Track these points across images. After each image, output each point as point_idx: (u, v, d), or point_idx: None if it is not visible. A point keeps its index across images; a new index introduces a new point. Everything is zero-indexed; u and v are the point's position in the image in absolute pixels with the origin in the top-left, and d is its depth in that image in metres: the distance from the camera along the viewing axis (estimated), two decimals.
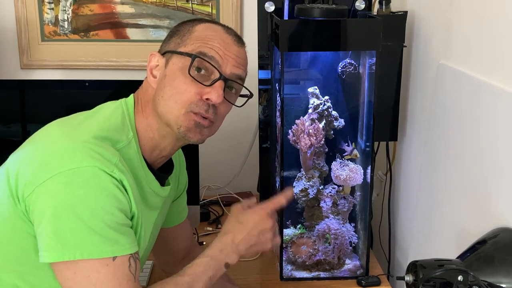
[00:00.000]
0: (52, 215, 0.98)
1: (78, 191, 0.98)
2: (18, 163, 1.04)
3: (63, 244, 0.98)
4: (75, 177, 0.99)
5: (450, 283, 0.96)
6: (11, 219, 1.04)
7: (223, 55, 1.13)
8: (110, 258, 1.00)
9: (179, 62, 1.12)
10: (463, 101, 1.28)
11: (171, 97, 1.11)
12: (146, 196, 1.16)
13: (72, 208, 0.97)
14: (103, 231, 0.99)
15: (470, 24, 1.27)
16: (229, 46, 1.15)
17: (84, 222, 0.98)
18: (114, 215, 1.01)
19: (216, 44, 1.13)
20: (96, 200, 0.99)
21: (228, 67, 1.13)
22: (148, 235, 1.19)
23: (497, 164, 1.11)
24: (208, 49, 1.12)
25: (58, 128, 1.10)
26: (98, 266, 0.99)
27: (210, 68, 1.12)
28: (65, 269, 0.99)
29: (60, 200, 0.98)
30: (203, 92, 1.11)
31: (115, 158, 1.04)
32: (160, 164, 1.21)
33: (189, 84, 1.11)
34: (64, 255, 0.98)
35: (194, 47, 1.13)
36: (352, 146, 1.54)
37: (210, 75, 1.12)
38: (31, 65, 2.05)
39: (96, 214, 0.99)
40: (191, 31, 1.16)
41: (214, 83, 1.11)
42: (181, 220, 1.43)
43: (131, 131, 1.13)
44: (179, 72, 1.11)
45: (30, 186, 1.00)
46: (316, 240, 1.55)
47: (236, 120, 1.99)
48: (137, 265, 1.05)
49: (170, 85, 1.12)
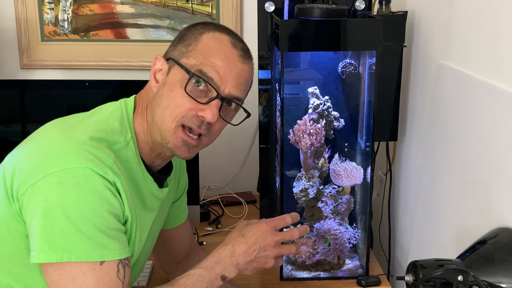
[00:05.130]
0: (43, 215, 0.97)
1: (70, 192, 0.98)
2: (14, 163, 1.03)
3: (51, 245, 0.97)
4: (67, 178, 0.98)
5: (450, 283, 0.96)
6: (6, 219, 1.04)
7: (224, 75, 1.10)
8: (98, 263, 0.99)
9: (179, 74, 1.10)
10: (463, 101, 1.27)
11: (166, 108, 1.10)
12: (143, 198, 1.15)
13: (62, 209, 0.97)
14: (92, 235, 0.98)
15: (470, 24, 1.27)
16: (232, 64, 1.11)
17: (74, 224, 0.97)
18: (104, 218, 1.00)
19: (219, 62, 1.10)
20: (87, 202, 0.98)
21: (227, 88, 1.11)
22: (144, 237, 1.18)
23: (497, 164, 1.11)
24: (208, 69, 1.09)
25: (55, 129, 1.10)
26: (85, 269, 0.98)
27: (209, 86, 1.10)
28: (52, 271, 0.99)
29: (51, 201, 0.97)
30: (198, 108, 1.09)
31: (109, 159, 1.03)
32: (159, 166, 1.21)
33: (185, 98, 1.09)
34: (51, 256, 0.97)
35: (196, 61, 1.10)
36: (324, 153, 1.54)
37: (208, 91, 1.10)
38: (31, 65, 2.05)
39: (87, 216, 0.98)
40: (197, 39, 1.12)
41: (210, 101, 1.09)
42: (181, 221, 1.43)
43: (129, 132, 1.12)
44: (178, 85, 1.10)
45: (24, 186, 1.00)
46: (316, 240, 1.55)
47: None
48: (126, 271, 1.03)
49: (168, 95, 1.10)
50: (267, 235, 1.15)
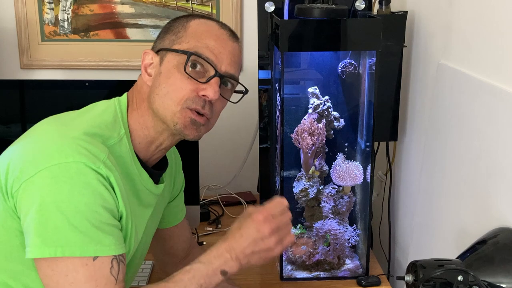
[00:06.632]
0: (36, 210, 0.97)
1: (63, 187, 0.97)
2: (8, 160, 1.03)
3: (44, 240, 0.97)
4: (61, 172, 0.98)
5: (450, 283, 0.96)
6: (2, 216, 1.04)
7: (218, 54, 1.13)
8: (91, 258, 0.98)
9: (174, 59, 1.12)
10: (463, 101, 1.27)
11: (166, 95, 1.11)
12: (139, 194, 1.15)
13: (56, 204, 0.97)
14: (86, 230, 0.98)
15: (470, 24, 1.27)
16: (224, 42, 1.15)
17: (68, 219, 0.97)
18: (98, 213, 1.00)
19: (212, 42, 1.13)
20: (80, 196, 0.98)
21: (223, 65, 1.13)
22: (140, 234, 1.18)
23: (497, 164, 1.11)
24: (203, 50, 1.12)
25: (49, 125, 1.10)
26: (78, 265, 0.98)
27: (205, 65, 1.12)
28: (45, 266, 0.99)
29: (45, 196, 0.97)
30: (199, 88, 1.11)
31: (103, 154, 1.03)
32: (155, 161, 1.21)
33: (185, 81, 1.10)
34: (44, 251, 0.97)
35: (189, 45, 1.12)
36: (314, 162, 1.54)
37: (205, 72, 1.12)
38: (31, 65, 2.05)
39: (80, 211, 0.98)
40: (185, 27, 1.15)
41: (209, 80, 1.11)
42: (179, 220, 1.43)
43: (122, 128, 1.12)
44: (175, 70, 1.11)
45: (18, 182, 1.00)
46: (316, 240, 1.55)
47: (236, 120, 2.00)
48: (121, 267, 1.02)
49: (166, 82, 1.11)
50: (262, 225, 1.10)
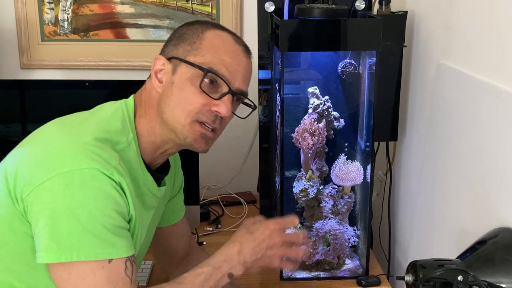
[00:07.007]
0: (50, 216, 0.98)
1: (77, 193, 0.98)
2: (17, 163, 1.04)
3: (59, 245, 0.98)
4: (75, 179, 0.99)
5: (450, 283, 0.96)
6: (9, 218, 1.04)
7: (233, 71, 1.14)
8: (106, 261, 1.00)
9: (189, 72, 1.12)
10: (463, 101, 1.27)
11: (178, 106, 1.11)
12: (143, 197, 1.16)
13: (70, 210, 0.97)
14: (100, 233, 0.99)
15: (470, 24, 1.27)
16: (239, 59, 1.16)
17: (82, 224, 0.98)
18: (112, 217, 1.01)
19: (228, 58, 1.13)
20: (94, 202, 0.99)
21: (236, 83, 1.14)
22: (143, 236, 1.19)
23: (497, 164, 1.11)
24: (219, 66, 1.12)
25: (57, 128, 1.10)
26: (94, 268, 0.99)
27: (219, 81, 1.13)
28: (60, 270, 0.99)
29: (59, 202, 0.98)
30: (211, 103, 1.12)
31: (115, 160, 1.04)
32: (159, 164, 1.22)
33: (198, 95, 1.11)
34: (60, 256, 0.98)
35: (205, 59, 1.12)
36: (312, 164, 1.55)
37: (218, 87, 1.13)
38: (31, 65, 2.05)
39: (94, 216, 0.99)
40: (201, 38, 1.15)
41: (223, 96, 1.12)
42: (178, 219, 1.43)
43: (131, 132, 1.13)
44: (188, 82, 1.12)
45: (29, 187, 1.00)
46: (316, 240, 1.55)
47: (236, 120, 2.00)
48: (133, 268, 1.05)
49: (178, 94, 1.12)
50: (276, 234, 1.16)
